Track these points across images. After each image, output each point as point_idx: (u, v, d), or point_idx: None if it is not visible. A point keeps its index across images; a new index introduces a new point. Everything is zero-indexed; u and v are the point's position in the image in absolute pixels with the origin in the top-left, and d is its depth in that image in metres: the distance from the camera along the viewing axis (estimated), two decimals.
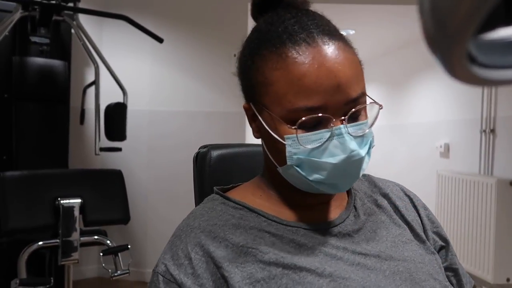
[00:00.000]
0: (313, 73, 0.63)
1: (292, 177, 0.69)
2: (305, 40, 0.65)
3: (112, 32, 3.38)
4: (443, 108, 4.06)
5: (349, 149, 0.64)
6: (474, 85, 0.29)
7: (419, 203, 0.84)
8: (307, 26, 0.66)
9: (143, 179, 3.38)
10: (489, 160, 3.41)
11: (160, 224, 3.35)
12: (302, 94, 0.63)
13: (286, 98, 0.64)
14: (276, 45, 0.66)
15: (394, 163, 5.03)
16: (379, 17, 3.87)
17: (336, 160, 0.64)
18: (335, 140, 0.64)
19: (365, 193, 0.81)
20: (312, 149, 0.65)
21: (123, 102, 2.75)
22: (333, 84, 0.63)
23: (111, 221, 2.04)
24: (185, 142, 3.32)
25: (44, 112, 2.63)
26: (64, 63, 2.67)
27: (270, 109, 0.67)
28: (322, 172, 0.65)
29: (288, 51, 0.64)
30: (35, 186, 1.87)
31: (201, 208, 0.75)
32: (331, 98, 0.63)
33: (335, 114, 0.64)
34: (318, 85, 0.63)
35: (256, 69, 0.68)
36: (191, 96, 3.39)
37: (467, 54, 0.27)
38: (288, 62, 0.64)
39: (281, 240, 0.67)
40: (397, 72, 5.06)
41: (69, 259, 1.87)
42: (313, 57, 0.64)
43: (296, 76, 0.63)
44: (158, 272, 0.66)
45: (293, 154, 0.66)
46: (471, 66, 0.27)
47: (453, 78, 0.28)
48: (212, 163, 0.91)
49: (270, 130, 0.68)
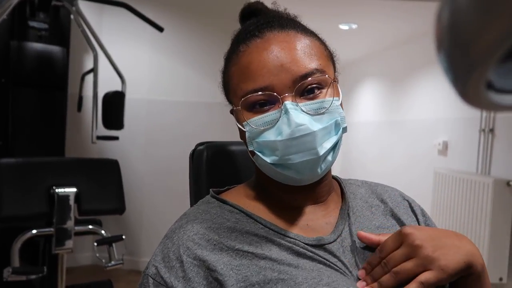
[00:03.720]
0: (257, 59, 0.68)
1: (263, 167, 0.71)
2: (254, 34, 0.70)
3: (112, 19, 3.34)
4: (443, 106, 4.04)
5: (295, 123, 0.65)
6: (488, 110, 0.27)
7: (417, 208, 0.82)
8: (261, 24, 0.72)
9: (140, 169, 3.37)
10: (487, 160, 3.40)
11: (155, 214, 3.35)
12: (249, 79, 0.68)
13: (238, 87, 0.70)
14: (234, 47, 0.73)
15: (391, 159, 5.03)
16: (382, 11, 3.83)
17: (282, 137, 0.65)
18: (284, 117, 0.66)
19: (361, 198, 0.80)
20: (264, 130, 0.68)
21: (122, 91, 2.73)
22: (276, 64, 0.67)
23: (106, 211, 2.02)
24: (184, 133, 3.31)
25: (42, 98, 2.61)
26: (62, 49, 2.65)
27: (234, 103, 0.73)
28: (276, 152, 0.67)
29: (241, 47, 0.71)
30: (30, 174, 1.86)
31: (195, 210, 0.74)
32: (276, 78, 0.66)
33: (284, 92, 0.66)
34: (261, 67, 0.67)
35: (224, 71, 0.76)
36: (191, 86, 3.36)
37: (485, 80, 0.24)
38: (240, 56, 0.71)
39: (278, 247, 0.66)
40: (398, 67, 5.03)
41: (63, 248, 1.86)
42: (259, 46, 0.69)
43: (244, 65, 0.69)
44: (149, 275, 0.66)
45: (252, 139, 0.70)
46: (487, 92, 0.25)
47: (465, 102, 0.26)
48: (208, 161, 0.89)
49: (237, 123, 0.73)
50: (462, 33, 0.22)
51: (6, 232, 2.09)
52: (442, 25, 0.23)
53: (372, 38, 4.84)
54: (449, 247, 0.64)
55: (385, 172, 5.04)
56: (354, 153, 6.07)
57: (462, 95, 0.25)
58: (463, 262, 0.64)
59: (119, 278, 3.09)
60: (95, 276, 2.89)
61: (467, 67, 0.23)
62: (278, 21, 0.72)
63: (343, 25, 4.33)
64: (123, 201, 2.04)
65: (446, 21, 0.23)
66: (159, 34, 2.85)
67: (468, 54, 0.22)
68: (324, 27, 5.01)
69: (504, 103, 0.25)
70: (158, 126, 3.38)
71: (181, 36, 3.38)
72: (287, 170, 0.67)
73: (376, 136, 5.53)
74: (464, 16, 0.21)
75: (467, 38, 0.22)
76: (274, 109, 0.67)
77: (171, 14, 3.35)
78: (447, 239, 0.66)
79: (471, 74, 0.23)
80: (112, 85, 2.78)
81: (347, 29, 4.44)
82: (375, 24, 4.26)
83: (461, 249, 0.65)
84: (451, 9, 0.22)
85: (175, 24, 3.34)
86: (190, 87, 3.37)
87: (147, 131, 3.38)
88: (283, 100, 0.66)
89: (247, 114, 0.69)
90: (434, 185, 3.79)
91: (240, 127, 0.72)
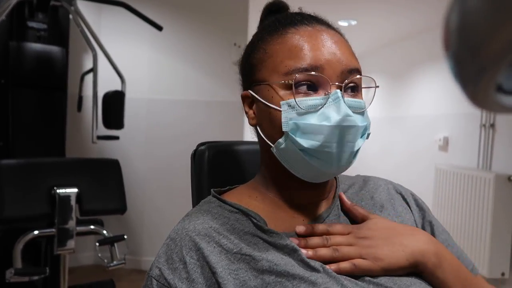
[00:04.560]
0: (310, 42, 0.66)
1: (285, 154, 0.68)
2: (304, 23, 0.69)
3: (111, 19, 3.33)
4: (443, 101, 4.03)
5: (345, 112, 0.64)
6: (497, 112, 0.26)
7: (410, 200, 0.82)
8: (308, 17, 0.72)
9: (141, 169, 3.36)
10: (488, 155, 3.40)
11: (156, 213, 3.35)
12: (300, 57, 0.65)
13: (282, 63, 0.67)
14: (278, 29, 0.70)
15: (392, 155, 5.03)
16: (381, 7, 3.82)
17: (331, 122, 0.64)
18: (332, 105, 0.64)
19: (352, 192, 0.80)
20: (308, 112, 0.65)
21: (121, 90, 2.72)
22: (330, 51, 0.66)
23: (108, 211, 2.02)
24: (184, 131, 3.31)
25: (41, 99, 2.60)
26: (62, 49, 2.64)
27: (268, 79, 0.68)
28: (317, 137, 0.64)
29: (288, 30, 0.69)
30: (31, 174, 1.85)
31: (196, 210, 0.74)
32: (328, 62, 0.65)
33: (332, 79, 0.65)
34: (315, 49, 0.65)
35: (258, 50, 0.72)
36: (191, 85, 3.36)
37: (495, 84, 0.24)
38: (287, 37, 0.68)
39: (275, 247, 0.66)
40: (398, 63, 5.02)
41: (65, 249, 1.86)
42: (311, 33, 0.68)
43: (293, 45, 0.67)
44: (152, 276, 0.66)
45: (289, 119, 0.66)
46: (497, 94, 0.24)
47: (474, 104, 0.26)
48: (210, 162, 0.89)
49: (267, 102, 0.68)
50: (473, 35, 0.21)
51: (8, 233, 2.09)
52: (452, 27, 0.23)
53: (371, 34, 4.83)
54: (394, 244, 0.67)
55: (386, 168, 5.04)
56: None
57: (471, 98, 0.25)
58: (405, 259, 0.66)
59: (121, 278, 3.09)
60: (97, 276, 2.89)
61: (478, 71, 0.22)
62: (324, 20, 0.73)
63: (342, 22, 4.31)
64: (124, 201, 2.04)
65: (456, 23, 0.22)
66: (158, 33, 2.85)
67: (479, 57, 0.22)
68: None
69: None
70: (158, 125, 3.37)
71: (180, 35, 3.37)
72: (315, 159, 0.66)
73: (376, 133, 5.52)
74: (475, 18, 0.21)
75: (478, 41, 0.21)
76: (317, 94, 0.66)
77: (170, 13, 3.34)
78: (398, 237, 0.68)
79: (481, 78, 0.23)
80: (111, 84, 2.77)
81: (347, 25, 4.43)
82: (375, 20, 4.25)
83: (407, 248, 0.67)
84: (461, 10, 0.21)
85: (175, 23, 3.33)
86: (189, 86, 3.36)
87: (147, 130, 3.38)
88: (332, 87, 0.65)
89: (286, 94, 0.66)
90: (435, 181, 3.79)
91: (271, 106, 0.67)
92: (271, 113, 0.68)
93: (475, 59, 0.22)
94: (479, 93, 0.24)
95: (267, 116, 0.69)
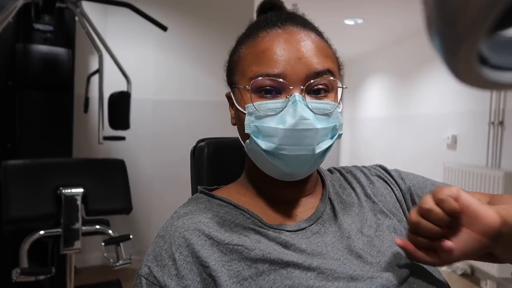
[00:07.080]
0: (276, 47, 0.68)
1: (254, 154, 0.71)
2: (277, 25, 0.71)
3: (116, 20, 3.35)
4: (451, 99, 4.00)
5: (300, 115, 0.64)
6: (483, 88, 0.26)
7: (396, 177, 0.85)
8: (283, 18, 0.73)
9: (147, 169, 3.37)
10: (497, 153, 3.36)
11: (162, 213, 3.35)
12: (263, 63, 0.68)
13: (250, 68, 0.69)
14: (252, 32, 0.73)
15: (400, 153, 4.99)
16: (388, 5, 3.80)
17: (285, 125, 0.65)
18: (290, 108, 0.66)
19: (340, 185, 0.82)
20: (268, 115, 0.67)
21: (127, 91, 2.73)
22: (295, 56, 0.67)
23: (113, 211, 2.03)
24: (190, 132, 3.30)
25: (48, 100, 2.62)
26: (68, 50, 2.65)
27: (239, 83, 0.72)
28: (274, 139, 0.66)
29: (260, 33, 0.71)
30: (37, 175, 1.87)
31: (184, 207, 0.74)
32: (291, 68, 0.67)
33: (295, 84, 0.67)
34: (279, 55, 0.67)
35: (235, 52, 0.75)
36: (197, 85, 3.36)
37: (477, 55, 0.23)
38: (258, 41, 0.71)
39: (267, 237, 0.67)
40: (406, 61, 4.99)
41: (71, 249, 1.87)
42: (280, 36, 0.69)
43: (261, 50, 0.69)
44: (141, 275, 0.66)
45: (251, 122, 0.69)
46: (481, 67, 0.24)
47: (458, 80, 0.25)
48: (209, 158, 0.89)
49: (237, 104, 0.72)
50: (448, 6, 0.21)
51: (15, 233, 2.10)
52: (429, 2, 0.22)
53: (378, 32, 4.80)
54: None
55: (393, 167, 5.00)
56: (363, 149, 6.04)
57: (454, 71, 0.25)
58: None
59: (128, 278, 3.10)
60: (104, 276, 2.90)
61: (456, 40, 0.22)
62: (301, 19, 0.74)
63: (348, 20, 4.30)
64: (130, 201, 2.04)
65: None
66: (164, 33, 2.85)
67: (455, 27, 0.22)
68: (329, 22, 4.97)
69: (501, 81, 0.24)
70: (164, 126, 3.38)
71: (186, 35, 3.38)
72: (277, 160, 0.67)
73: (384, 131, 5.49)
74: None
75: (454, 10, 0.21)
76: (279, 98, 0.67)
77: (176, 13, 3.35)
78: None
79: (460, 47, 0.23)
80: (117, 85, 2.79)
81: (353, 24, 4.41)
82: (381, 18, 4.22)
83: None
84: None
85: (180, 23, 3.34)
86: (196, 86, 3.36)
87: (153, 130, 3.39)
88: (292, 91, 0.66)
89: (251, 97, 0.68)
90: (443, 179, 3.76)
91: (239, 109, 0.71)
92: (240, 115, 0.72)
93: (452, 29, 0.22)
94: (460, 65, 0.24)
95: (238, 117, 0.73)
